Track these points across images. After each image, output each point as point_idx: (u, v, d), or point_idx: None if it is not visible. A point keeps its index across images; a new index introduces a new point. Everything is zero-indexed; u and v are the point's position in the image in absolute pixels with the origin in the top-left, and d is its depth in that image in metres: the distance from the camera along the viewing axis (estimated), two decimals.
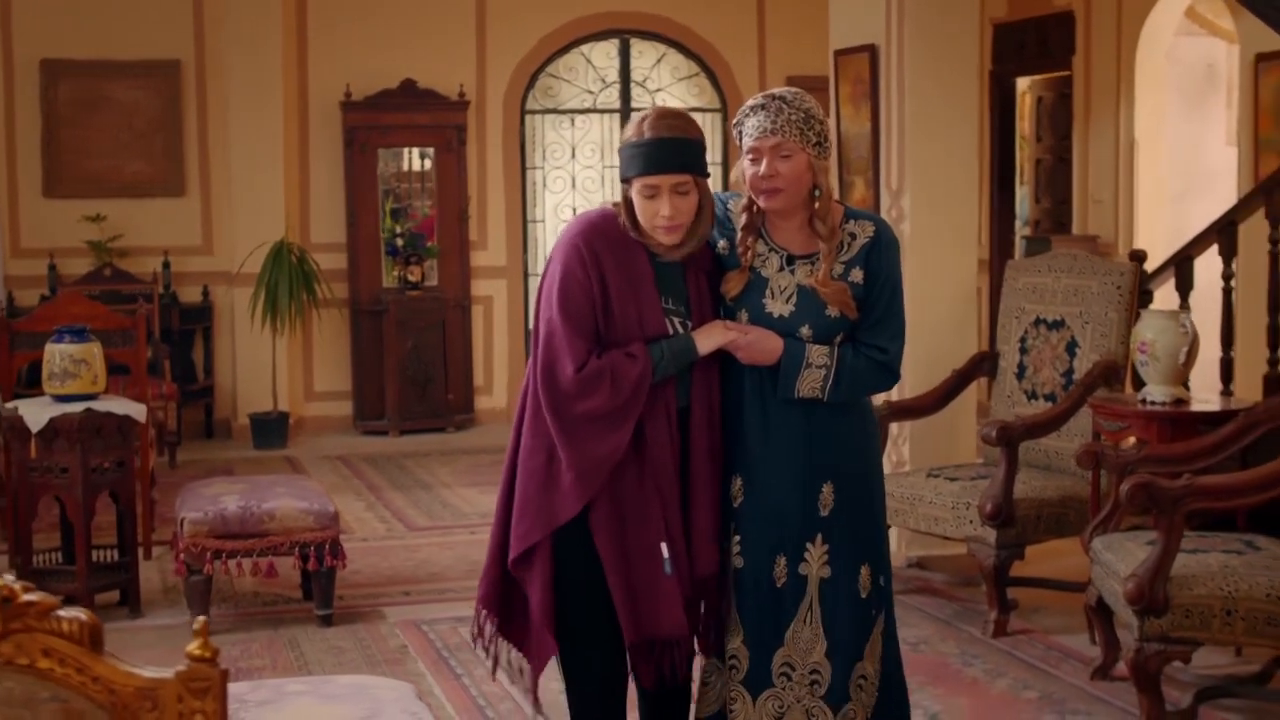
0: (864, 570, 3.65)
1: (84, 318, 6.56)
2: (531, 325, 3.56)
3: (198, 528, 5.79)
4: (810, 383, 3.58)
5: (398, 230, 10.83)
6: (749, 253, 3.64)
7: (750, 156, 3.56)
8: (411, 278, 10.82)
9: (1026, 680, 5.28)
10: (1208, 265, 7.23)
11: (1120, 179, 9.99)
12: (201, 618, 1.80)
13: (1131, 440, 5.51)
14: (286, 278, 10.04)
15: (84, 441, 5.88)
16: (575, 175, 11.64)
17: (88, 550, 5.97)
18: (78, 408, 5.90)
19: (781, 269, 3.63)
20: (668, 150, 3.46)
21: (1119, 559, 4.77)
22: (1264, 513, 5.23)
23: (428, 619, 6.10)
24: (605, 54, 11.64)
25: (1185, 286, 7.02)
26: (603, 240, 3.51)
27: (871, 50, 6.87)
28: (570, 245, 3.53)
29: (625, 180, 3.54)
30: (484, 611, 3.67)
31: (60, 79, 10.43)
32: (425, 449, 10.21)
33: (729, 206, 3.70)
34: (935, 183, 6.88)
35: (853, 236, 3.63)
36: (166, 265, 10.44)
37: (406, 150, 11.11)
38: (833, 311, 3.59)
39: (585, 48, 11.57)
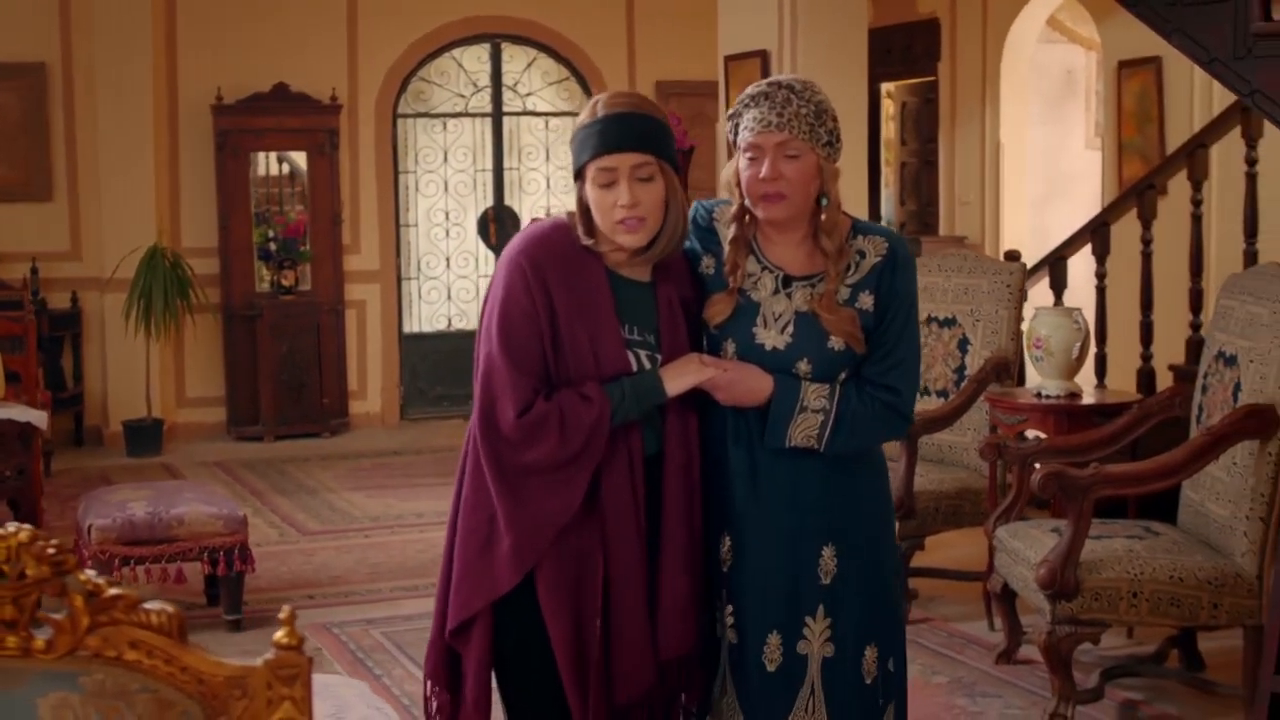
0: (869, 651, 3.11)
1: None
2: (474, 357, 3.07)
3: (106, 534, 5.74)
4: (805, 430, 3.02)
5: (270, 234, 10.75)
6: (739, 271, 3.09)
7: (748, 155, 3.03)
8: (285, 282, 10.75)
9: (934, 666, 5.46)
10: (1074, 265, 7.52)
11: (986, 181, 10.29)
12: (288, 607, 1.85)
13: (1032, 433, 5.72)
14: (161, 283, 9.91)
15: None
16: (448, 179, 11.66)
17: None
18: None
19: (776, 292, 3.08)
20: (625, 126, 2.96)
21: (1027, 546, 4.96)
22: (1152, 500, 5.47)
23: (337, 622, 6.11)
24: (476, 58, 11.68)
25: (1060, 285, 7.29)
26: (551, 256, 2.99)
27: (763, 55, 7.02)
28: (512, 265, 3.00)
29: (578, 175, 3.02)
30: (432, 686, 3.17)
31: None
32: (302, 454, 10.15)
33: (715, 216, 3.17)
34: None
35: (861, 255, 3.08)
36: (34, 271, 10.24)
37: (278, 154, 11.03)
38: (836, 343, 3.04)
39: (456, 52, 11.59)
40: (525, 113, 11.80)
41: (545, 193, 11.85)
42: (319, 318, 10.82)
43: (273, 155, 10.99)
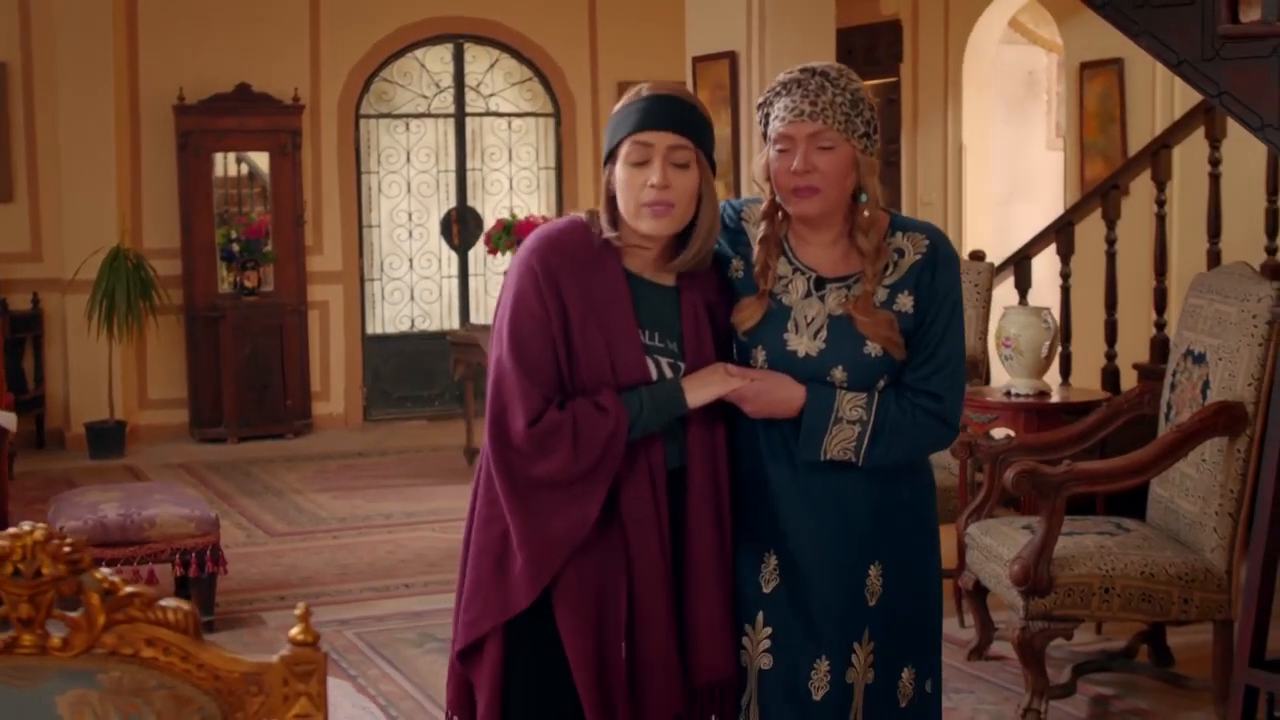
0: (906, 673, 2.95)
1: None
2: (487, 362, 2.95)
3: (77, 536, 5.69)
4: (841, 442, 2.84)
5: (233, 235, 10.72)
6: (769, 273, 2.91)
7: (779, 146, 2.84)
8: (248, 283, 10.72)
9: None
10: (1036, 264, 7.58)
11: (948, 182, 10.37)
12: (303, 604, 1.86)
13: (1001, 432, 5.77)
14: (124, 284, 9.86)
15: None
16: (410, 180, 11.64)
17: None
18: None
19: (809, 294, 2.90)
20: (667, 106, 2.83)
21: (999, 543, 5.00)
22: (1119, 497, 5.52)
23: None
24: (439, 59, 11.67)
25: (1025, 285, 7.36)
26: (565, 258, 2.85)
27: (731, 57, 7.05)
28: (523, 266, 2.87)
29: (610, 156, 2.87)
30: (452, 716, 3.02)
31: None
32: (267, 455, 10.12)
33: (744, 215, 3.00)
34: None
35: (900, 253, 2.88)
36: None
37: (237, 155, 10.99)
38: (874, 349, 2.85)
39: (419, 52, 11.58)
40: (488, 113, 11.80)
41: (508, 193, 11.85)
42: (282, 319, 10.79)
43: (232, 156, 10.94)
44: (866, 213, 2.86)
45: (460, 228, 11.73)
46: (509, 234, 9.18)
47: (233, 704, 1.80)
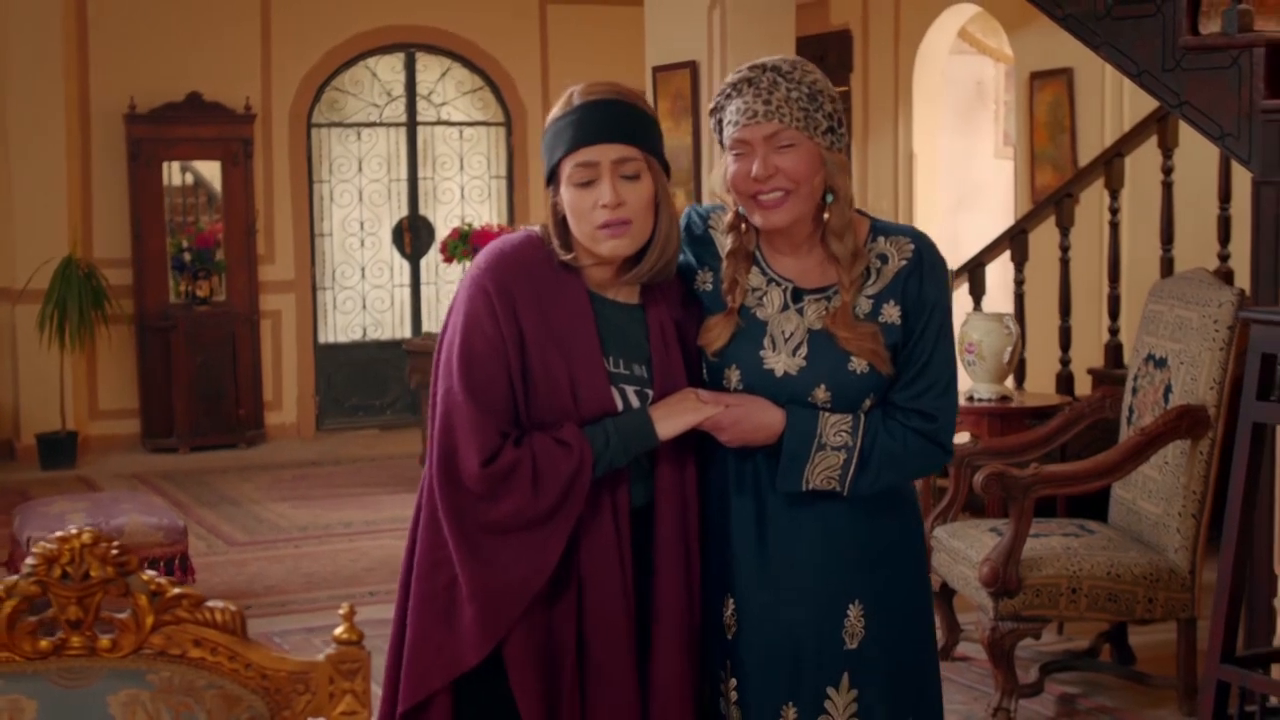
0: None
1: None
2: (430, 392, 2.69)
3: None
4: (825, 470, 2.60)
5: (184, 245, 10.68)
6: (738, 288, 2.67)
7: (735, 152, 2.62)
8: (199, 293, 10.68)
9: None
10: (989, 271, 7.69)
11: (899, 190, 10.48)
12: (347, 604, 1.90)
13: (963, 436, 5.86)
14: (75, 295, 9.81)
15: None
16: (362, 189, 11.64)
17: None
18: None
19: (785, 308, 2.67)
20: (605, 114, 2.57)
21: (967, 546, 5.08)
22: (1081, 500, 5.62)
23: (278, 631, 6.11)
24: (391, 68, 11.68)
25: (979, 292, 7.46)
26: (520, 276, 2.60)
27: (692, 67, 7.12)
28: (475, 287, 2.60)
29: (551, 177, 2.63)
30: None
31: None
32: (220, 465, 10.09)
33: (711, 223, 2.76)
34: None
35: (883, 259, 2.66)
36: None
37: (182, 164, 10.94)
38: (859, 365, 2.62)
39: (371, 61, 11.58)
40: (439, 122, 11.82)
41: (460, 202, 11.87)
42: (234, 328, 10.76)
43: (177, 165, 10.87)
44: (832, 215, 2.64)
45: (412, 236, 11.74)
46: (465, 242, 9.21)
47: (280, 702, 1.83)
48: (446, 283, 11.67)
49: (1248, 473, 3.78)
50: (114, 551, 1.82)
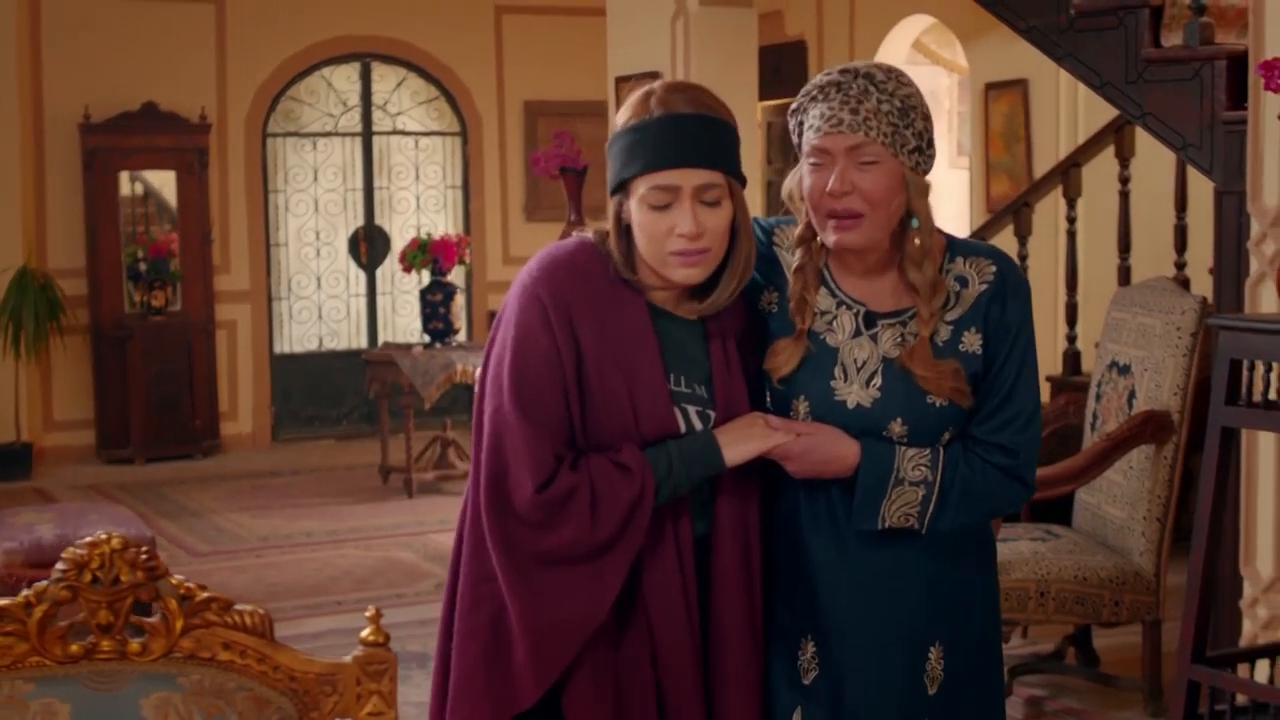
0: None
1: None
2: (474, 410, 2.49)
3: (13, 557, 5.68)
4: (903, 507, 2.43)
5: (140, 254, 10.63)
6: (806, 309, 2.48)
7: (813, 160, 2.41)
8: (155, 303, 10.64)
9: None
10: None
11: None
12: (374, 607, 1.93)
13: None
14: (31, 305, 9.76)
15: None
16: (318, 198, 11.63)
17: None
18: None
19: (858, 333, 2.48)
20: (691, 133, 2.35)
21: None
22: (1043, 505, 5.70)
23: None
24: (346, 77, 11.68)
25: None
26: (578, 287, 2.40)
27: (655, 76, 7.15)
28: (528, 297, 2.41)
29: (619, 188, 2.41)
30: None
31: None
32: (177, 476, 10.06)
33: (776, 239, 2.57)
34: None
35: (962, 282, 2.47)
36: None
37: (131, 174, 10.88)
38: (938, 399, 2.44)
39: (326, 71, 11.58)
40: (395, 132, 11.82)
41: (415, 212, 11.89)
42: (190, 338, 10.73)
43: (127, 175, 10.80)
44: (919, 241, 2.43)
45: (368, 246, 11.74)
46: (424, 252, 9.24)
47: (308, 703, 1.86)
48: (403, 292, 11.69)
49: (1217, 476, 3.85)
50: (143, 556, 1.84)
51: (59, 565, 1.83)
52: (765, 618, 2.53)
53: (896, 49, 10.24)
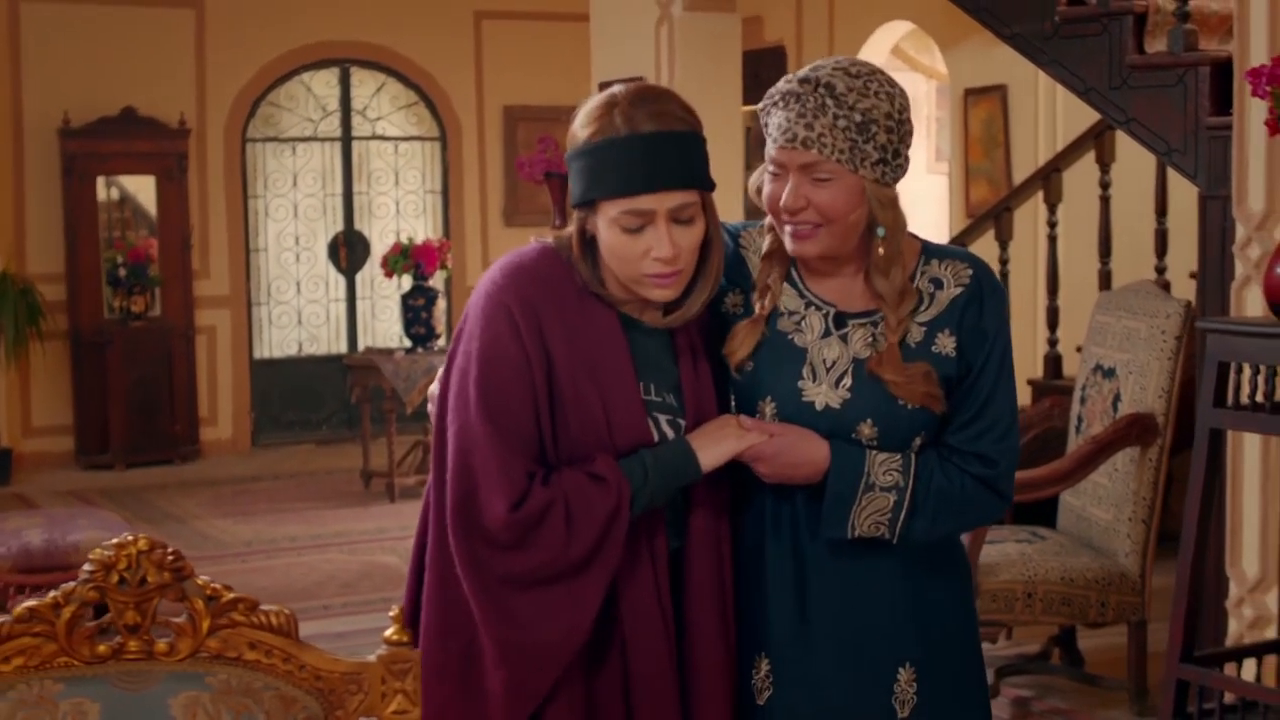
0: None
1: None
2: (431, 427, 2.43)
3: (1, 563, 5.67)
4: (874, 514, 2.33)
5: (119, 260, 10.62)
6: (770, 294, 2.41)
7: (771, 169, 2.34)
8: (134, 308, 10.62)
9: None
10: None
11: None
12: (397, 606, 1.95)
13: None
14: (11, 311, 9.74)
15: None
16: (297, 204, 11.64)
17: None
18: None
19: (827, 334, 2.39)
20: (665, 152, 2.25)
21: None
22: (1028, 506, 5.75)
23: None
24: (325, 83, 11.68)
25: None
26: (548, 296, 2.30)
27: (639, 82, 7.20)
28: (494, 305, 2.30)
29: (585, 203, 2.29)
30: None
31: None
32: (158, 481, 10.05)
33: (743, 242, 2.49)
34: None
35: (936, 284, 2.39)
36: None
37: (119, 179, 10.88)
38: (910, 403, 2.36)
39: (305, 76, 11.59)
40: (374, 137, 11.83)
41: (395, 217, 11.89)
42: (169, 343, 10.72)
43: (106, 181, 10.79)
44: (883, 250, 2.34)
45: (347, 251, 11.75)
46: (406, 257, 9.25)
47: (334, 702, 1.88)
48: (382, 298, 11.70)
49: (1205, 477, 3.90)
50: (170, 557, 1.87)
51: (86, 566, 1.85)
52: None
53: (875, 55, 10.29)
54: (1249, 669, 4.20)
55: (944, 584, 2.45)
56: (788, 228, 2.34)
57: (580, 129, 2.29)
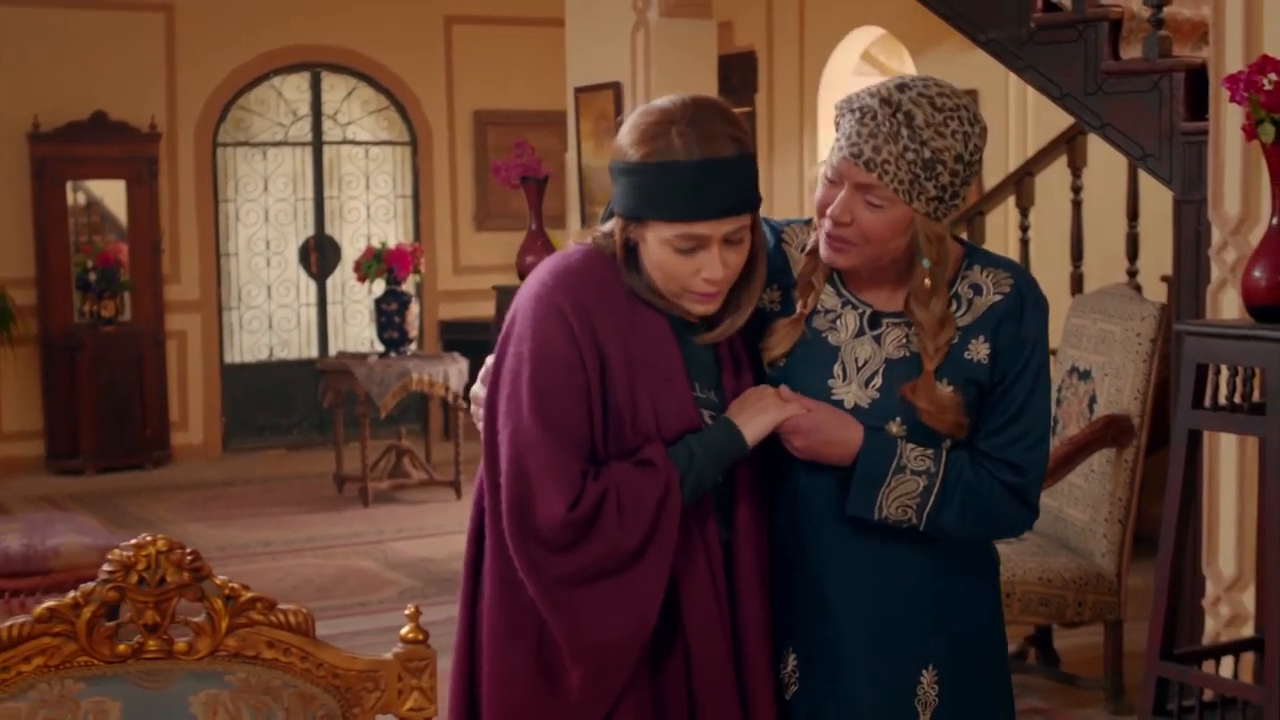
0: None
1: None
2: (480, 431, 2.39)
3: None
4: (902, 497, 2.33)
5: (89, 264, 10.58)
6: (812, 291, 2.41)
7: (828, 175, 2.33)
8: (104, 313, 10.59)
9: None
10: None
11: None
12: (413, 604, 1.98)
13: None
14: None
15: None
16: (268, 208, 11.62)
17: None
18: None
19: (860, 333, 2.41)
20: (725, 180, 2.25)
21: None
22: None
23: None
24: (296, 87, 11.67)
25: None
26: (599, 297, 2.31)
27: (616, 87, 7.24)
28: (545, 308, 2.29)
29: (634, 218, 2.29)
30: None
31: None
32: (130, 486, 10.02)
33: (784, 237, 2.48)
34: None
35: (976, 290, 2.39)
36: None
37: (86, 183, 10.84)
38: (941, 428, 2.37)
39: (276, 80, 11.57)
40: (345, 141, 11.83)
41: (366, 221, 11.89)
42: (140, 348, 10.69)
43: (82, 184, 10.76)
44: (927, 281, 2.33)
45: (318, 256, 11.74)
46: (379, 261, 9.26)
47: (351, 700, 1.91)
48: (353, 302, 11.70)
49: (1184, 477, 3.96)
50: (189, 557, 1.89)
51: (105, 567, 1.87)
52: None
53: (846, 60, 10.37)
54: (1227, 666, 4.26)
55: (973, 586, 2.45)
56: (825, 233, 2.34)
57: (632, 145, 2.29)
